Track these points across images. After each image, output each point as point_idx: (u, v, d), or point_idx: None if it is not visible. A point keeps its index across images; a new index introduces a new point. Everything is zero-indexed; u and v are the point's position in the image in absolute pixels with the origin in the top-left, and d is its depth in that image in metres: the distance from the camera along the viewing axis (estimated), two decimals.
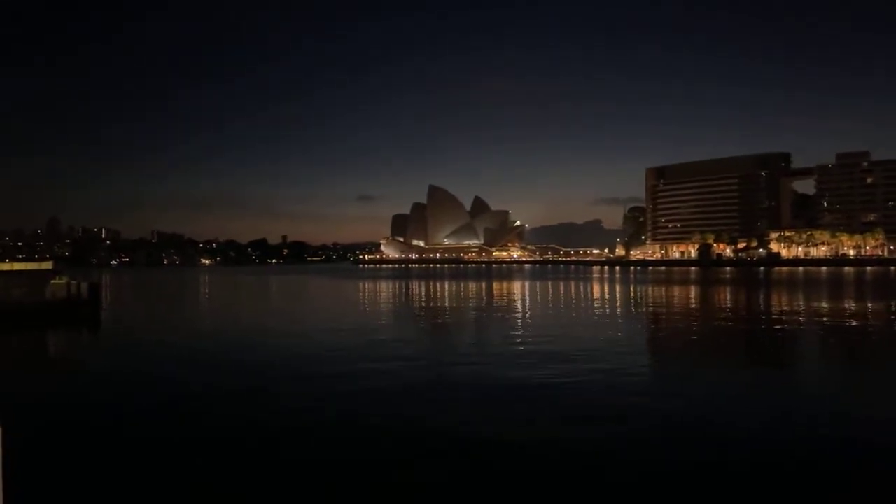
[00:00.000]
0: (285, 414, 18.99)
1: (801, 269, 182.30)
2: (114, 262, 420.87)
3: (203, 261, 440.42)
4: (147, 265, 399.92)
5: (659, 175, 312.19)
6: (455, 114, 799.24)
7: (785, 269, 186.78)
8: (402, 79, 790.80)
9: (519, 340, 35.81)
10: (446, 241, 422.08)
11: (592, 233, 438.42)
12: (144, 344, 36.09)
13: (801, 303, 60.94)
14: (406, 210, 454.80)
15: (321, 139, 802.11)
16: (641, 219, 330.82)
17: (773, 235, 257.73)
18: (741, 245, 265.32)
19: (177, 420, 18.31)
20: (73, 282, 55.07)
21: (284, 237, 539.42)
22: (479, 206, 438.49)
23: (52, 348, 38.62)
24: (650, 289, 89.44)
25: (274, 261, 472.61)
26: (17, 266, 59.75)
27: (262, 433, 16.89)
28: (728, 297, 72.51)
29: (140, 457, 14.77)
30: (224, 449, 15.51)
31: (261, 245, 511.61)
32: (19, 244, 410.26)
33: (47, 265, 61.38)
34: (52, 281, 53.97)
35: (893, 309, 53.86)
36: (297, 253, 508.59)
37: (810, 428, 16.88)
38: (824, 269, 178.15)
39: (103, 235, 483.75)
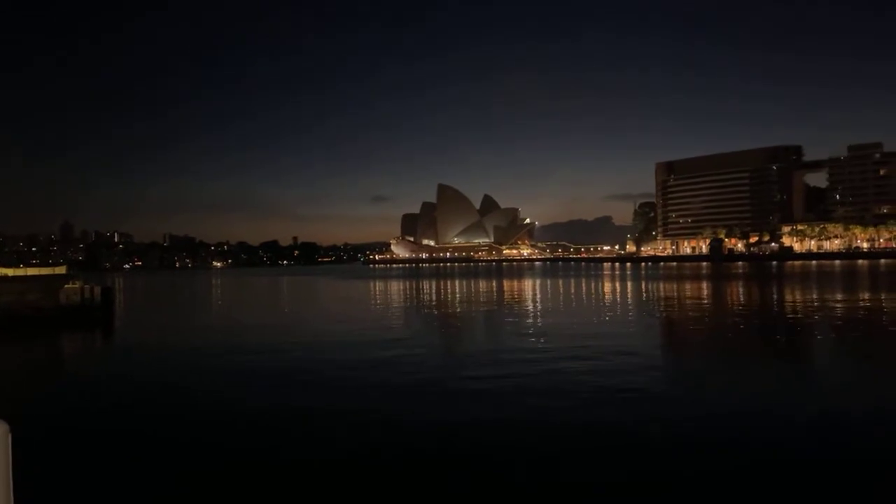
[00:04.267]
0: (301, 430, 18.96)
1: (814, 262, 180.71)
2: (126, 265, 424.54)
3: (215, 263, 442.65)
4: (160, 268, 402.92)
5: (669, 170, 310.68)
6: (465, 112, 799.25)
7: (798, 262, 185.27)
8: (412, 78, 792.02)
9: (534, 340, 35.71)
10: (456, 240, 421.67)
11: (603, 229, 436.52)
12: (156, 348, 36.22)
13: (814, 296, 60.38)
14: (416, 209, 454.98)
15: (331, 139, 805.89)
16: (652, 214, 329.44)
17: (786, 229, 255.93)
18: (753, 239, 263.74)
19: (186, 426, 18.29)
20: (86, 286, 55.46)
21: (295, 238, 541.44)
22: (489, 205, 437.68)
23: (66, 352, 38.86)
24: (662, 285, 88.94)
25: (285, 262, 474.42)
26: (32, 271, 60.36)
27: (276, 442, 16.89)
28: (743, 293, 71.98)
29: (145, 463, 14.80)
30: (232, 457, 15.50)
31: (272, 247, 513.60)
32: (34, 249, 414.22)
33: (61, 270, 61.99)
34: (66, 285, 54.39)
35: None
36: (308, 254, 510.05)
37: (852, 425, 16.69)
38: (838, 262, 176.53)
39: (116, 239, 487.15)
